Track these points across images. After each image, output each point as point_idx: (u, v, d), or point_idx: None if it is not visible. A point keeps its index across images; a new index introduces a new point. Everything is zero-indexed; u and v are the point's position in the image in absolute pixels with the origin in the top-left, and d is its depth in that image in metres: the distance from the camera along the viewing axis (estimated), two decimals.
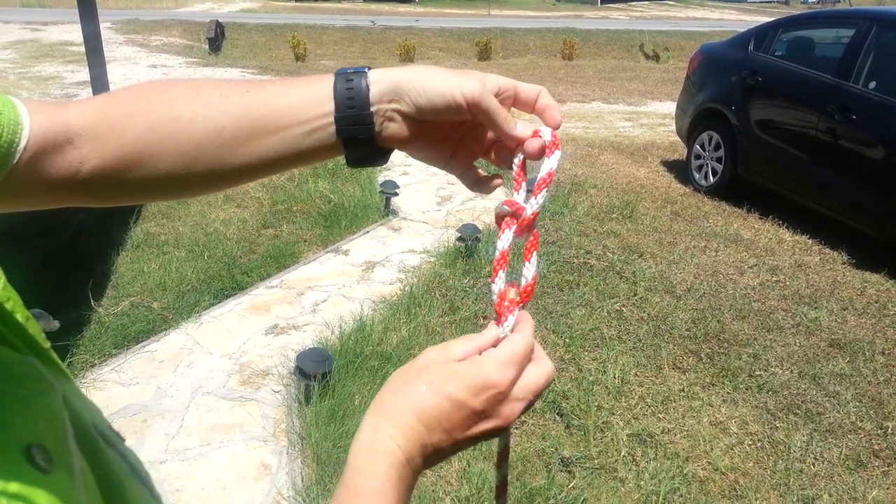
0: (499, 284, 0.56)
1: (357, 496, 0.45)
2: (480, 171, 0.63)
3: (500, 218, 0.58)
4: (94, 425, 0.47)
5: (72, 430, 0.42)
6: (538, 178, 0.56)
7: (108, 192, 0.60)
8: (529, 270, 0.56)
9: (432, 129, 0.58)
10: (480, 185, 0.62)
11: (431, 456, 0.48)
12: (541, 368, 0.52)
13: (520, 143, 0.57)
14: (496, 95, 0.56)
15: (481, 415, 0.49)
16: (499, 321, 0.55)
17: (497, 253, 0.56)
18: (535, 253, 0.57)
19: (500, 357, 0.50)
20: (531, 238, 0.58)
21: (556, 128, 0.57)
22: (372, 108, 0.55)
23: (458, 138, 0.61)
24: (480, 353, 0.52)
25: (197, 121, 0.56)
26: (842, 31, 5.61)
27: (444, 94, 0.54)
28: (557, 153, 0.56)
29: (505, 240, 0.56)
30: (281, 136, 0.57)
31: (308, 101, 0.57)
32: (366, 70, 0.56)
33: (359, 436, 0.47)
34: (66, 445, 0.40)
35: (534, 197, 0.56)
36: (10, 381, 0.38)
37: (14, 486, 0.33)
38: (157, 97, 0.57)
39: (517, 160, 0.58)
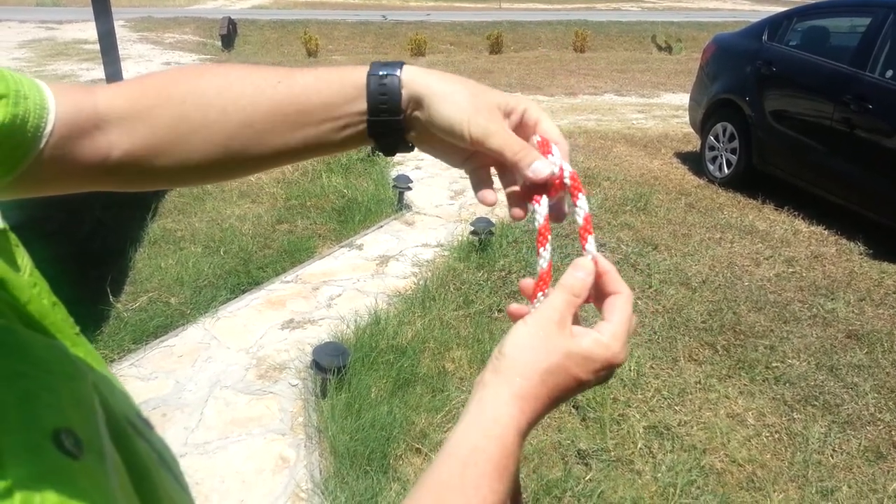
0: (541, 263, 0.54)
1: (487, 461, 0.46)
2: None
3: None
4: (123, 414, 0.47)
5: (103, 415, 0.42)
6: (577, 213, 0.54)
7: (136, 177, 0.60)
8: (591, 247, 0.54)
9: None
10: (485, 189, 0.60)
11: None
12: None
13: (532, 182, 0.53)
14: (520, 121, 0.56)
15: (586, 384, 0.51)
16: (533, 296, 0.53)
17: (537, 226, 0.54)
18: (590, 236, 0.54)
19: (624, 336, 0.51)
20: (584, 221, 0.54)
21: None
22: (402, 114, 0.56)
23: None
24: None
25: (228, 112, 0.57)
26: (857, 20, 5.53)
27: (454, 126, 0.54)
28: (582, 198, 0.53)
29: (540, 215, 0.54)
30: (313, 129, 0.58)
31: (340, 98, 0.57)
32: (398, 70, 0.56)
33: (494, 402, 0.48)
34: (96, 430, 0.39)
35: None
36: (33, 364, 0.37)
37: (41, 472, 0.32)
38: (189, 86, 0.58)
39: (541, 213, 0.54)
